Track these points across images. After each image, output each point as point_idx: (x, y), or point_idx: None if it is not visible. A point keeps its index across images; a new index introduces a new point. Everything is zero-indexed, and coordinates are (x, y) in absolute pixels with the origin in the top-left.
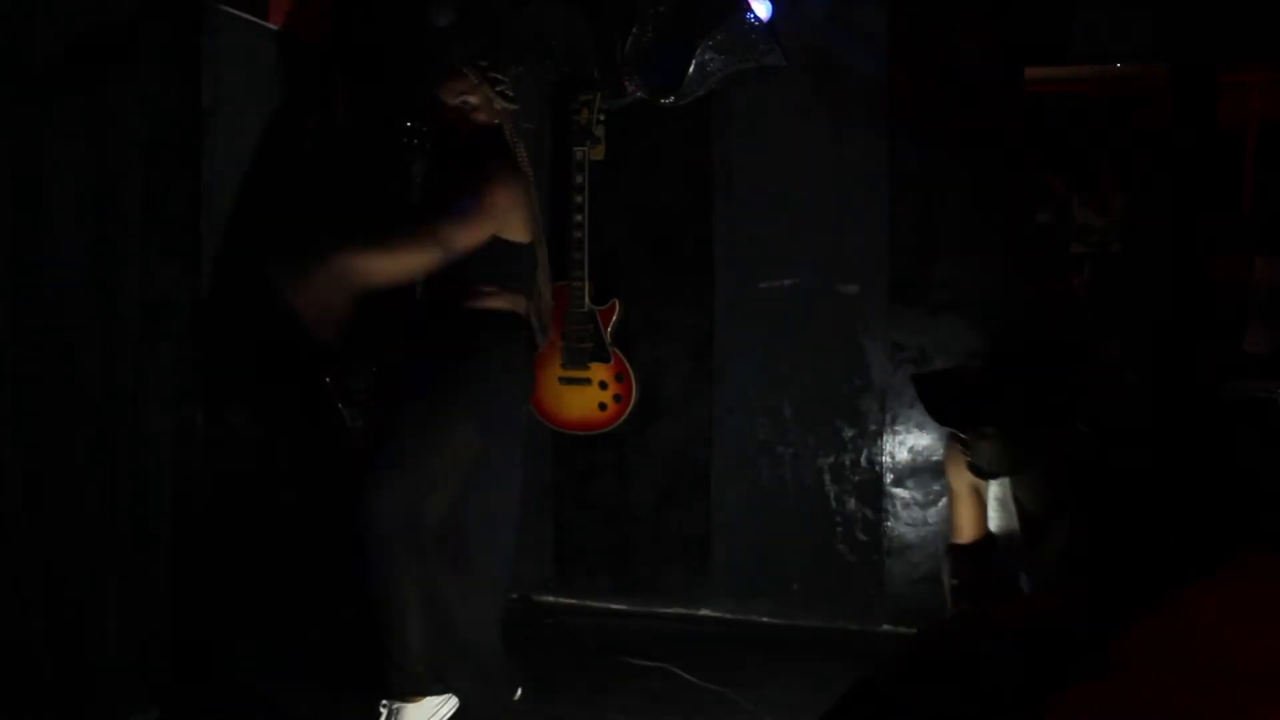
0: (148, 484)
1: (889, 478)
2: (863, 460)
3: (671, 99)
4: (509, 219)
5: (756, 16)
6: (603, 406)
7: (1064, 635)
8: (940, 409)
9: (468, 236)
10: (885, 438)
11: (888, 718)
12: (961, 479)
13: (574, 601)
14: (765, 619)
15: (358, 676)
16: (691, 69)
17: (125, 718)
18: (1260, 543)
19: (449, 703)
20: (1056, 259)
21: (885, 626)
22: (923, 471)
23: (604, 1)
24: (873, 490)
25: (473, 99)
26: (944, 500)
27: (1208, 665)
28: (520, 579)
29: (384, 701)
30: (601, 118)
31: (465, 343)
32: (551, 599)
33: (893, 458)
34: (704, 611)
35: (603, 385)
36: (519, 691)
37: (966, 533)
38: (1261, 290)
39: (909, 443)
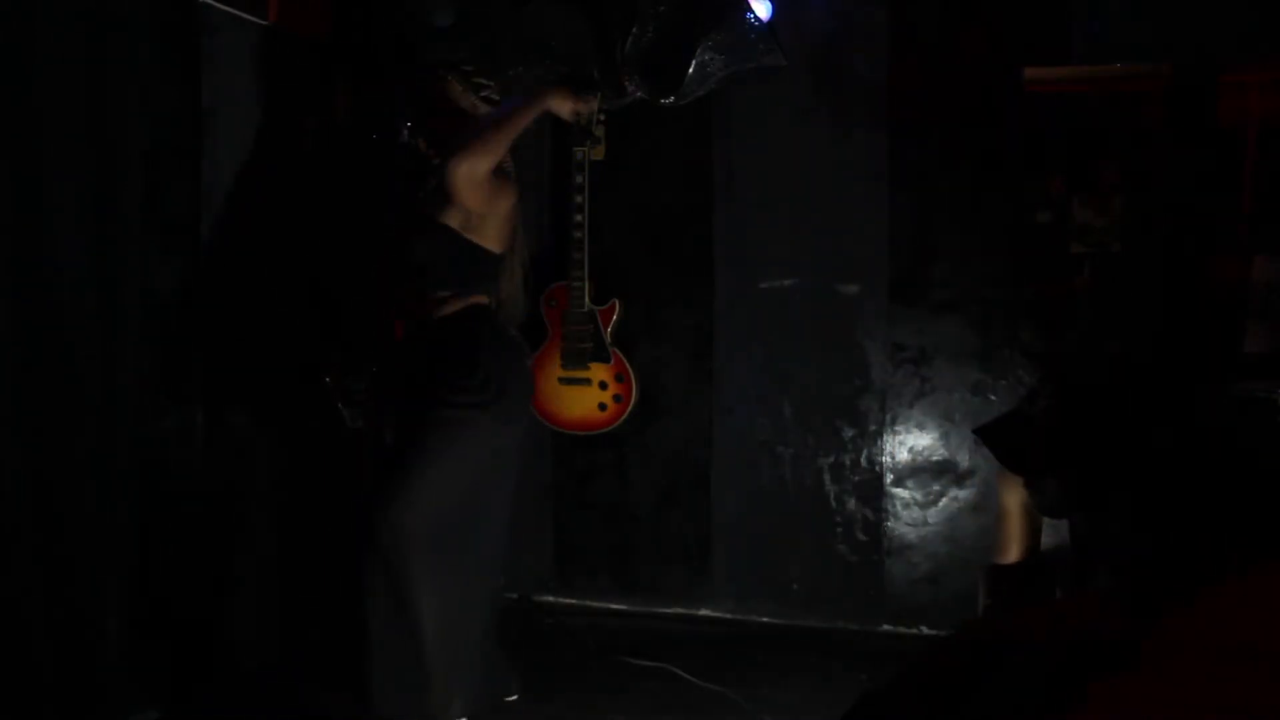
0: (148, 484)
1: (889, 478)
2: (863, 460)
3: (671, 99)
4: (495, 207)
5: (756, 16)
6: (603, 406)
7: (1093, 635)
8: (1011, 458)
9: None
10: (885, 438)
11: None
12: (1013, 499)
13: (574, 601)
14: (765, 619)
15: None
16: (692, 69)
17: (125, 718)
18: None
19: None
20: (1056, 259)
21: (885, 626)
22: (923, 471)
23: (604, 1)
24: (873, 490)
25: (460, 106)
26: (944, 500)
27: (1242, 654)
28: (520, 579)
29: None
30: (601, 118)
31: (456, 348)
32: (551, 599)
33: (893, 458)
34: (704, 611)
35: (603, 385)
36: (519, 691)
37: (1011, 553)
38: (1261, 290)
39: (909, 443)
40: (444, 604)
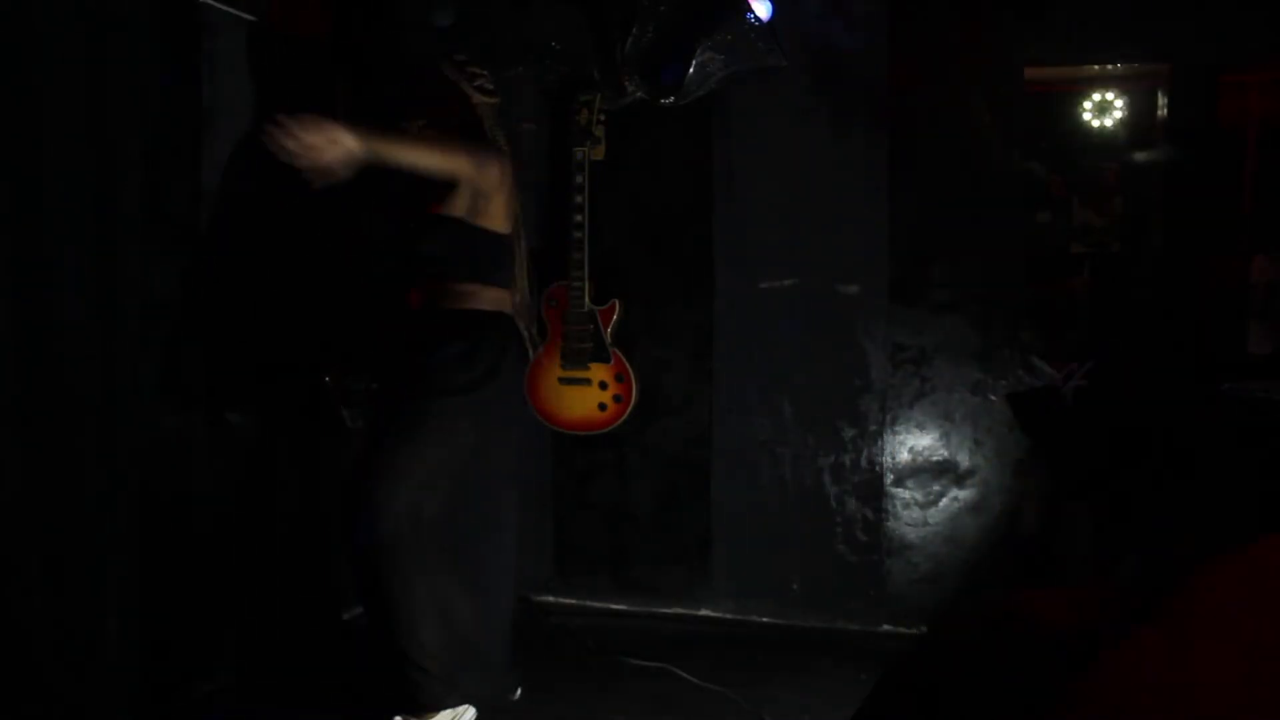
0: (148, 484)
1: (889, 478)
2: (863, 460)
3: (672, 99)
4: (484, 185)
5: (757, 17)
6: (603, 407)
7: (1088, 628)
8: (1032, 426)
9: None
10: (885, 438)
11: (927, 707)
12: (1031, 483)
13: (574, 601)
14: (765, 619)
15: (367, 686)
16: (692, 69)
17: (124, 718)
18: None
19: (468, 714)
20: (1056, 259)
21: (885, 626)
22: (923, 471)
23: (604, 1)
24: (873, 490)
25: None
26: (944, 500)
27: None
28: (520, 579)
29: (399, 717)
30: (601, 118)
31: (452, 343)
32: (551, 599)
33: (893, 458)
34: (704, 611)
35: (603, 385)
36: (519, 691)
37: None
38: (1261, 290)
39: (909, 443)
40: (436, 599)
